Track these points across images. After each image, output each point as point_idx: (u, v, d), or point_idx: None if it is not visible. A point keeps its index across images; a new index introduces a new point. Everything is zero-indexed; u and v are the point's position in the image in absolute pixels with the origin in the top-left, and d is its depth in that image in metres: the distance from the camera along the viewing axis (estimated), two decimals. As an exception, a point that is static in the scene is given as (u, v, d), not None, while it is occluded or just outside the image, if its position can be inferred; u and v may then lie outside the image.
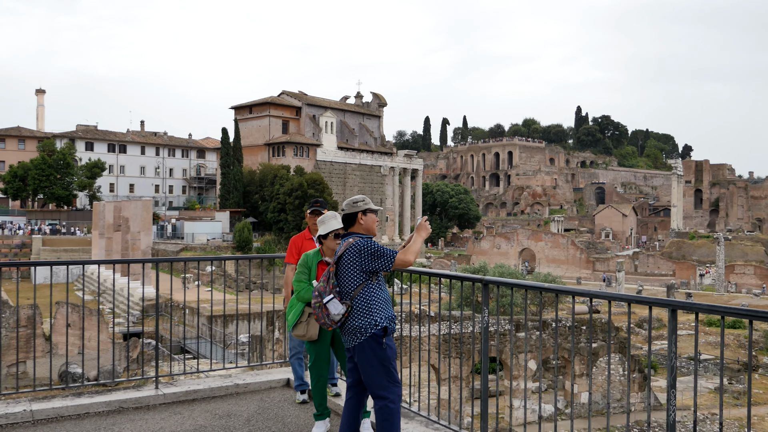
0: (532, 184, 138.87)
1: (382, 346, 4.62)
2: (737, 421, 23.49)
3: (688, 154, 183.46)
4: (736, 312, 3.54)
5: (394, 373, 4.63)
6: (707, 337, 39.00)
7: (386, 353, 4.62)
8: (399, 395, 4.61)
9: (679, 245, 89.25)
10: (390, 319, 4.72)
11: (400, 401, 4.60)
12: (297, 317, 5.72)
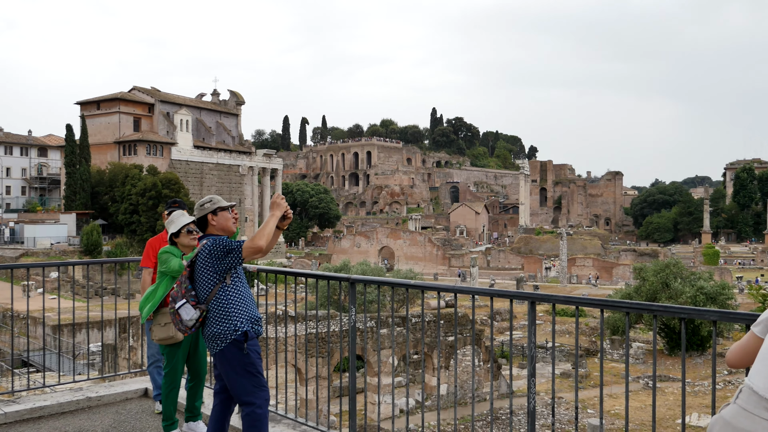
0: (391, 184, 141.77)
1: (244, 352, 4.41)
2: (581, 402, 25.23)
3: (534, 155, 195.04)
4: (589, 302, 3.78)
5: (259, 377, 4.47)
6: (550, 326, 41.68)
7: (249, 358, 4.43)
8: (266, 399, 4.47)
9: (526, 240, 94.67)
10: (253, 320, 4.51)
11: (267, 406, 4.48)
12: (153, 310, 5.46)
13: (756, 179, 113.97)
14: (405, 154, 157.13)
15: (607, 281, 70.16)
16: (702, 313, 3.33)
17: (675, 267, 34.14)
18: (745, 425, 2.43)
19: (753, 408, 2.43)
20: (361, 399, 22.98)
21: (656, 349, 3.60)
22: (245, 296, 4.58)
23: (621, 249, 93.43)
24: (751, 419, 2.42)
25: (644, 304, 3.44)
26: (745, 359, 2.66)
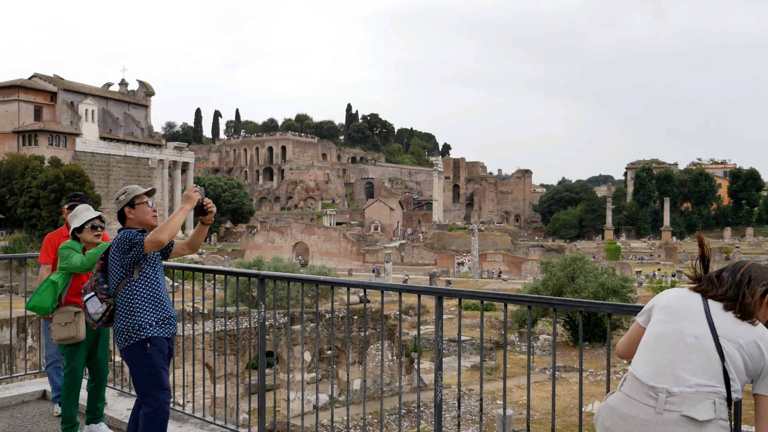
0: (306, 179, 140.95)
1: (147, 352, 4.31)
2: (490, 394, 25.90)
3: (448, 152, 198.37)
4: (493, 296, 3.89)
5: (161, 379, 4.35)
6: (464, 320, 42.54)
7: (152, 359, 4.32)
8: (165, 401, 4.35)
9: (440, 236, 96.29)
10: (160, 321, 4.38)
11: (166, 407, 4.35)
12: (46, 304, 5.23)
13: (654, 179, 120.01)
14: (320, 150, 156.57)
15: (516, 276, 72.24)
16: (597, 306, 3.48)
17: (580, 262, 35.54)
18: (629, 411, 2.57)
19: (636, 394, 2.57)
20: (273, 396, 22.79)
21: (556, 341, 3.74)
22: (155, 294, 4.43)
23: (530, 245, 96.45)
24: (635, 405, 2.56)
25: (544, 298, 3.58)
26: (632, 349, 2.80)
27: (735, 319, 2.54)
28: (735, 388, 2.49)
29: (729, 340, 2.50)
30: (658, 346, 2.61)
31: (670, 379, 2.51)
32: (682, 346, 2.55)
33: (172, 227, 4.27)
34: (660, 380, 2.53)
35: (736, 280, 2.62)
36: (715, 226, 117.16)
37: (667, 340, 2.59)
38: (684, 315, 2.61)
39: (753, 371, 2.51)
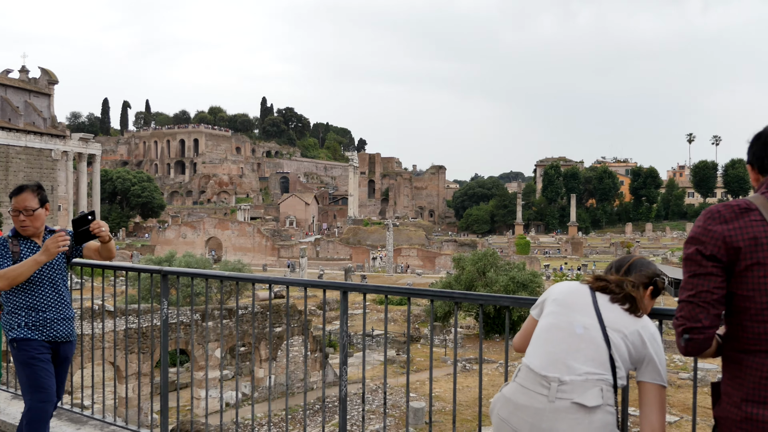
0: (219, 173, 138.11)
1: (18, 352, 4.27)
2: (403, 387, 26.19)
3: (363, 148, 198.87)
4: (397, 291, 3.93)
5: (35, 379, 4.24)
6: (378, 314, 42.79)
7: (24, 360, 4.25)
8: (41, 401, 4.24)
9: (355, 231, 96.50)
10: (31, 324, 4.27)
11: (42, 406, 4.24)
12: None
13: (562, 176, 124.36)
14: (234, 143, 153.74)
15: (430, 270, 73.32)
16: (497, 299, 3.58)
17: (491, 257, 36.44)
18: (523, 400, 2.67)
19: (530, 384, 2.67)
20: (185, 394, 22.22)
21: (457, 334, 3.82)
22: (29, 298, 4.30)
23: (443, 239, 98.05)
24: (528, 395, 2.66)
25: (446, 292, 3.65)
26: (527, 341, 2.91)
27: (621, 310, 2.69)
28: (620, 375, 2.64)
29: (615, 330, 2.64)
30: (550, 337, 2.73)
31: (561, 368, 2.63)
32: (573, 336, 2.67)
33: (11, 279, 4.11)
34: (552, 370, 2.64)
35: (621, 274, 2.79)
36: (617, 221, 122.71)
37: (559, 331, 2.71)
38: (574, 307, 2.74)
39: (636, 359, 2.67)
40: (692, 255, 2.34)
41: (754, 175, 2.47)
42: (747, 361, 2.28)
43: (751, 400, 2.23)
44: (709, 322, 2.31)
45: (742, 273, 2.26)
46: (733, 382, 2.32)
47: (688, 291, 2.35)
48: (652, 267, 2.82)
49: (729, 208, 2.33)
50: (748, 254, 2.24)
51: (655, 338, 2.68)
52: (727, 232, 2.27)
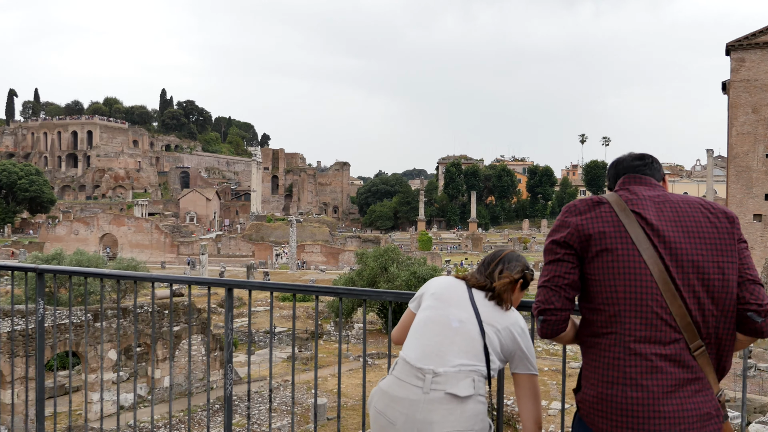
0: (115, 167, 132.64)
1: None
2: (305, 384, 26.11)
3: (267, 143, 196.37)
4: (282, 287, 3.92)
5: None
6: (282, 311, 42.44)
7: None
8: None
9: (258, 227, 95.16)
10: None
11: None
12: None
13: (463, 173, 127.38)
14: (131, 136, 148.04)
15: (334, 266, 73.33)
16: (380, 295, 3.65)
17: (393, 252, 36.86)
18: (399, 393, 2.75)
19: (406, 377, 2.76)
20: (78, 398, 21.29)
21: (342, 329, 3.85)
22: None
23: (347, 236, 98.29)
24: (405, 387, 2.74)
25: (331, 288, 3.69)
26: (405, 334, 2.99)
27: (494, 305, 2.83)
28: (493, 366, 2.78)
29: (489, 324, 2.79)
30: (426, 331, 2.82)
31: (436, 360, 2.73)
32: (448, 330, 2.78)
33: None
34: (427, 362, 2.74)
35: (489, 269, 2.93)
36: (515, 218, 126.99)
37: (435, 325, 2.82)
38: (450, 301, 2.86)
39: (508, 353, 2.84)
40: (549, 244, 2.56)
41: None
42: (599, 344, 2.45)
43: (605, 381, 2.39)
44: (561, 304, 2.50)
45: (592, 259, 2.45)
46: (589, 365, 2.49)
47: (544, 277, 2.55)
48: (522, 260, 2.98)
49: (584, 202, 2.55)
50: (597, 241, 2.43)
51: (525, 332, 2.85)
52: (580, 222, 2.48)
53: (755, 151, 49.53)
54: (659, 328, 2.34)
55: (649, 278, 2.35)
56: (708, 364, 2.38)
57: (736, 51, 49.82)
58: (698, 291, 2.36)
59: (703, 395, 2.35)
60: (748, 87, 49.52)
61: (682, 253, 2.37)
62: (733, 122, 50.36)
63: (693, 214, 2.46)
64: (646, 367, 2.33)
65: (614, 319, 2.40)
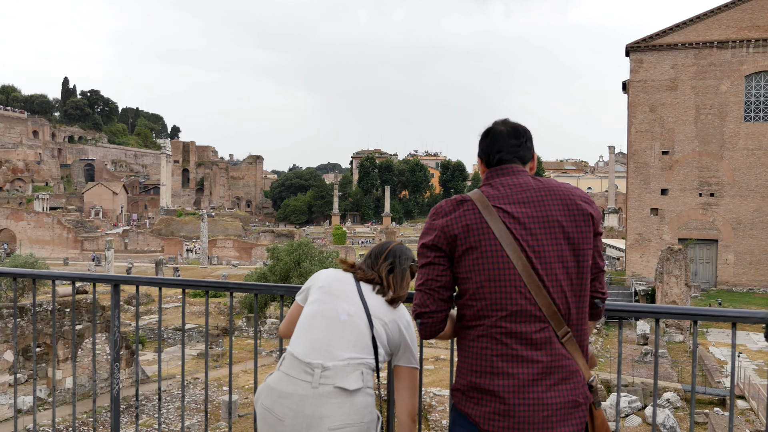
0: (13, 159, 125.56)
1: None
2: (216, 381, 25.69)
3: (177, 135, 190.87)
4: (171, 283, 3.87)
5: None
6: (192, 307, 41.52)
7: None
8: None
9: (168, 222, 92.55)
10: None
11: None
12: None
13: (377, 168, 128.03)
14: (31, 126, 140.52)
15: (247, 261, 72.27)
16: (271, 289, 3.66)
17: (306, 247, 36.67)
18: (287, 388, 2.75)
19: (294, 372, 2.76)
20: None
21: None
22: None
23: (261, 230, 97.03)
24: (293, 382, 2.75)
25: (221, 283, 3.68)
26: (292, 328, 2.99)
27: (381, 299, 2.88)
28: (381, 359, 2.83)
29: (376, 317, 2.83)
30: (315, 325, 2.84)
31: (325, 354, 2.75)
32: (337, 323, 2.81)
33: None
34: (316, 356, 2.75)
35: (378, 262, 2.98)
36: (428, 212, 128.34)
37: (323, 318, 2.83)
38: (339, 294, 2.88)
39: (394, 345, 2.88)
40: (420, 248, 2.62)
41: (482, 168, 2.77)
42: (470, 336, 2.54)
43: (475, 371, 2.49)
44: (436, 307, 2.57)
45: (460, 258, 2.52)
46: (463, 357, 2.58)
47: (419, 280, 2.61)
48: (409, 253, 3.05)
49: (449, 203, 2.61)
50: (463, 240, 2.50)
51: (410, 326, 2.91)
52: (446, 223, 2.54)
53: (652, 148, 52.20)
54: (526, 318, 2.44)
55: (514, 272, 2.44)
56: (576, 350, 2.50)
57: (635, 52, 52.29)
58: (561, 280, 2.47)
59: (572, 382, 2.45)
60: (645, 87, 52.08)
61: (544, 245, 2.47)
62: (632, 120, 52.86)
63: (553, 204, 2.53)
64: (514, 357, 2.43)
65: (482, 312, 2.48)
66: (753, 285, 50.22)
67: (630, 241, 53.11)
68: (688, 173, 51.51)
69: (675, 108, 51.44)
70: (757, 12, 49.51)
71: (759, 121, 50.21)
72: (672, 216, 51.77)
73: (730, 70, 50.24)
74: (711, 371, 28.00)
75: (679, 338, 34.85)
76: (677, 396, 24.24)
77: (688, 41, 50.67)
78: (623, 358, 29.71)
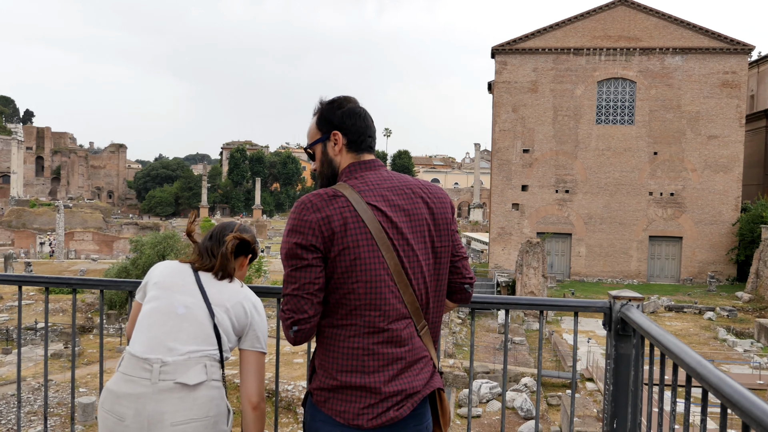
0: None
1: None
2: (67, 383, 24.33)
3: (30, 120, 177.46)
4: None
5: None
6: (56, 304, 38.93)
7: None
8: None
9: (19, 213, 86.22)
10: None
11: None
12: None
13: (248, 159, 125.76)
14: None
15: (108, 255, 68.77)
16: (119, 285, 3.52)
17: (172, 240, 35.48)
18: (126, 389, 2.64)
19: (132, 371, 2.66)
20: None
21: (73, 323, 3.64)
22: None
23: (123, 222, 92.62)
24: (132, 381, 2.64)
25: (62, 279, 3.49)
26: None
27: (222, 283, 2.81)
28: (225, 348, 2.75)
29: (218, 305, 2.74)
30: (152, 322, 2.73)
31: (163, 350, 2.65)
32: (174, 317, 2.70)
33: None
34: (154, 352, 2.64)
35: (209, 245, 2.89)
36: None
37: (161, 314, 2.72)
38: (175, 288, 2.77)
39: (239, 330, 2.79)
40: (293, 249, 2.44)
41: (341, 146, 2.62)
42: (338, 334, 2.49)
43: (345, 370, 2.46)
44: (314, 311, 2.46)
45: (336, 256, 2.42)
46: (327, 355, 2.52)
47: (292, 284, 2.46)
48: (249, 232, 2.98)
49: (319, 197, 2.48)
50: (340, 239, 2.41)
51: (257, 307, 2.83)
52: (321, 220, 2.41)
53: (514, 147, 54.83)
54: (395, 317, 2.47)
55: (387, 271, 2.44)
56: (430, 342, 2.59)
57: (500, 54, 54.64)
58: (424, 276, 2.53)
59: (428, 371, 2.55)
60: (509, 88, 54.58)
61: (411, 242, 2.50)
62: (496, 119, 55.24)
63: (416, 200, 2.55)
64: (384, 355, 2.45)
65: (355, 312, 2.45)
66: (602, 275, 54.09)
67: (493, 234, 55.54)
68: (546, 171, 54.59)
69: (535, 109, 54.30)
70: (609, 23, 53.24)
71: (609, 124, 54.07)
72: (531, 211, 54.67)
73: (584, 75, 53.70)
74: (564, 356, 29.90)
75: (535, 326, 36.87)
76: (534, 380, 25.68)
77: (548, 47, 53.62)
78: (485, 346, 31.06)
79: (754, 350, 31.61)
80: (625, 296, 3.01)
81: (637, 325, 2.73)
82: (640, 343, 2.87)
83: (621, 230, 54.03)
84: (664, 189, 53.72)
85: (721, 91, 52.60)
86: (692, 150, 53.29)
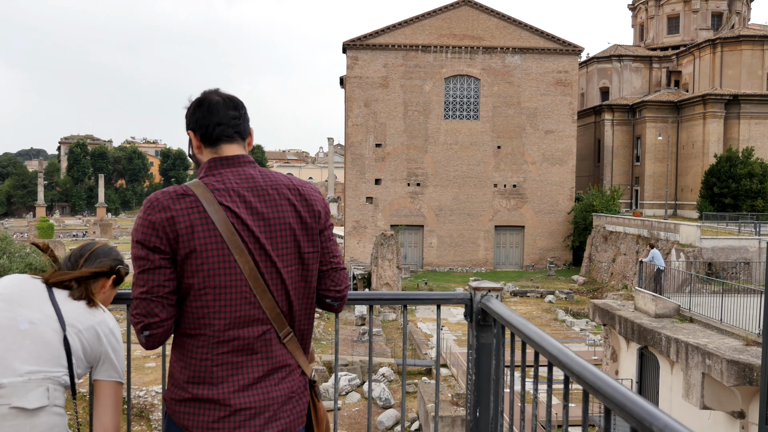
0: None
1: None
2: None
3: None
4: None
5: None
6: None
7: None
8: None
9: None
10: None
11: None
12: None
13: (89, 155, 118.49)
14: None
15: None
16: None
17: (4, 241, 32.66)
18: None
19: None
20: None
21: None
22: None
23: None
24: None
25: None
26: None
27: (79, 303, 2.54)
28: (77, 372, 2.49)
29: (70, 325, 2.47)
30: None
31: (0, 370, 2.34)
32: (15, 333, 2.39)
33: None
34: None
35: (81, 263, 2.64)
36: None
37: (1, 329, 2.43)
38: (21, 302, 2.47)
39: (92, 356, 2.53)
40: (139, 249, 2.31)
41: (197, 142, 2.49)
42: (189, 344, 2.36)
43: (194, 382, 2.33)
44: (166, 315, 2.33)
45: (183, 260, 2.29)
46: (180, 366, 2.39)
47: (140, 287, 2.32)
48: (114, 254, 2.74)
49: (167, 195, 2.33)
50: (186, 241, 2.27)
51: (114, 333, 2.59)
52: (167, 221, 2.27)
53: (367, 141, 55.66)
54: (249, 323, 2.35)
55: (240, 276, 2.32)
56: (297, 349, 2.49)
57: (351, 50, 55.18)
58: (285, 282, 2.41)
59: (290, 381, 2.44)
60: (360, 83, 55.27)
61: (270, 246, 2.37)
62: (349, 114, 55.78)
63: (281, 202, 2.42)
64: (235, 364, 2.34)
65: (204, 320, 2.33)
66: (453, 265, 56.33)
67: (348, 228, 56.12)
68: (398, 165, 55.93)
69: (387, 104, 55.42)
70: (454, 22, 55.38)
71: (456, 119, 56.33)
72: (385, 204, 55.80)
73: (432, 72, 55.52)
74: (419, 345, 30.84)
75: (392, 317, 37.71)
76: (391, 370, 26.28)
77: (398, 43, 54.87)
78: (344, 339, 31.33)
79: (589, 329, 34.27)
80: (484, 287, 3.09)
81: (498, 315, 2.80)
82: (501, 332, 2.96)
83: (469, 221, 56.52)
84: (507, 181, 56.81)
85: (555, 89, 56.42)
86: (531, 144, 56.77)
